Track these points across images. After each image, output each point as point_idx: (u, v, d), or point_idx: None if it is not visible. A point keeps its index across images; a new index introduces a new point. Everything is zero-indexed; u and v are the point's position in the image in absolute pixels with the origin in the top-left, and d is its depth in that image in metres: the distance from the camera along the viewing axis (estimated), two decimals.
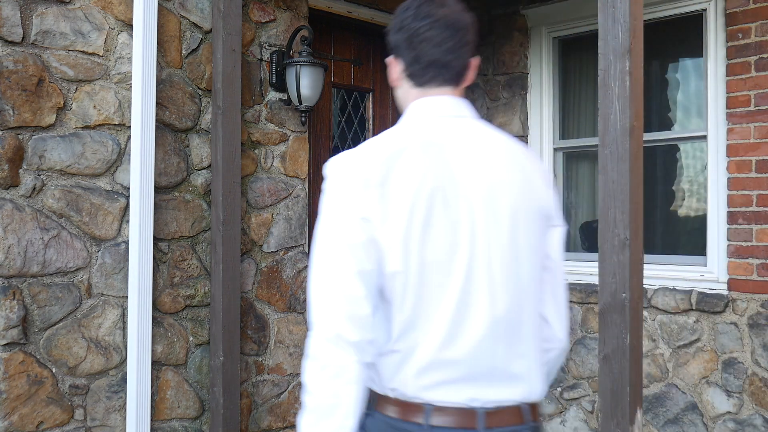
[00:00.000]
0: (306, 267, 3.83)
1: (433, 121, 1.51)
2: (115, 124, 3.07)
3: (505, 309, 1.42)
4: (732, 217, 3.62)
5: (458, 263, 1.40)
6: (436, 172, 1.41)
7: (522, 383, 1.44)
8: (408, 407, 1.40)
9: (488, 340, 1.40)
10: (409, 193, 1.38)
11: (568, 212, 4.50)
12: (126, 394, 3.07)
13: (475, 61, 1.56)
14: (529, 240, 1.47)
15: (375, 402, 1.44)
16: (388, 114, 4.51)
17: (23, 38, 2.81)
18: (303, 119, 3.80)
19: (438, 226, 1.39)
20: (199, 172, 3.38)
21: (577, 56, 4.46)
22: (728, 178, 3.64)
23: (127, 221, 3.08)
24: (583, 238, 4.46)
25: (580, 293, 4.14)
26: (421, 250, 1.38)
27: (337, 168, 1.44)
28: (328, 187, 1.44)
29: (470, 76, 1.57)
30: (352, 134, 4.42)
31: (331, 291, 1.37)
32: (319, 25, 4.09)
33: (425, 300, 1.39)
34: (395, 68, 1.57)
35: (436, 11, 1.49)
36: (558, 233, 1.57)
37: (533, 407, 1.47)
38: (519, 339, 1.45)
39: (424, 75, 1.52)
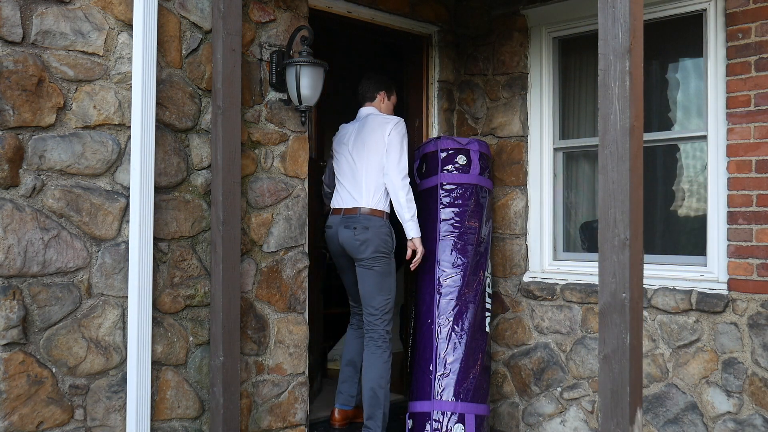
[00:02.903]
0: (306, 267, 3.84)
1: (361, 114, 4.27)
2: (115, 124, 3.08)
3: (359, 176, 4.08)
4: (732, 217, 3.62)
5: (351, 157, 4.13)
6: (352, 128, 4.21)
7: (360, 201, 4.04)
8: (337, 210, 4.15)
9: (353, 187, 4.10)
10: (341, 138, 4.25)
11: (568, 212, 4.50)
12: (126, 394, 3.07)
13: (381, 94, 4.27)
14: (375, 147, 4.02)
15: (330, 210, 4.25)
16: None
17: (23, 38, 2.81)
18: (303, 119, 3.80)
19: (344, 149, 4.19)
20: (199, 172, 3.38)
21: (577, 56, 4.46)
22: (728, 178, 3.64)
23: (127, 221, 3.08)
24: (583, 238, 4.46)
25: (580, 293, 4.14)
26: (339, 155, 4.23)
27: None
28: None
29: (378, 99, 4.27)
30: None
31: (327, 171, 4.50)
32: (319, 25, 4.10)
33: (338, 174, 4.21)
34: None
35: (366, 80, 4.29)
36: (386, 151, 4.00)
37: (365, 209, 4.04)
38: (361, 186, 4.05)
39: (361, 100, 4.29)
